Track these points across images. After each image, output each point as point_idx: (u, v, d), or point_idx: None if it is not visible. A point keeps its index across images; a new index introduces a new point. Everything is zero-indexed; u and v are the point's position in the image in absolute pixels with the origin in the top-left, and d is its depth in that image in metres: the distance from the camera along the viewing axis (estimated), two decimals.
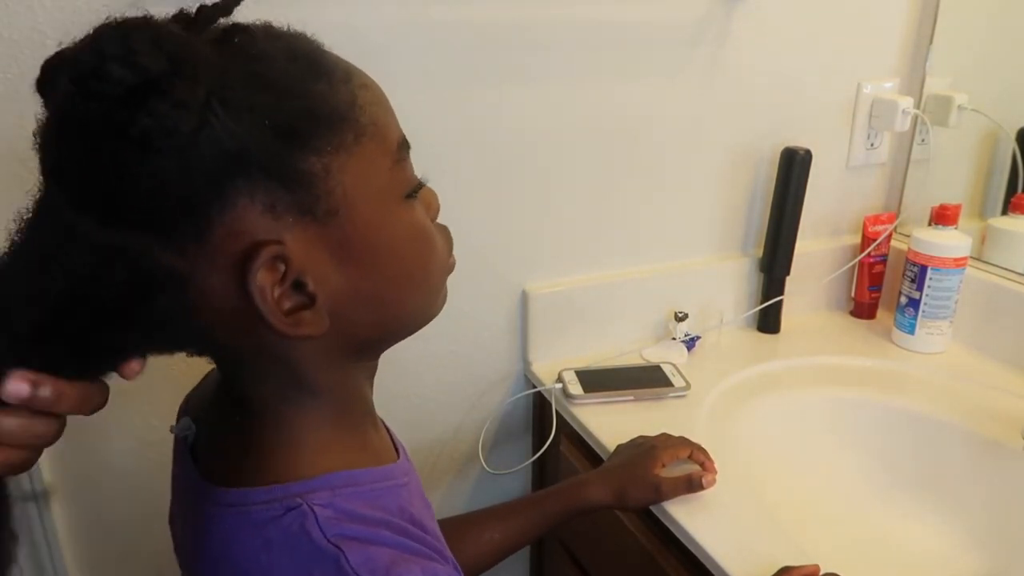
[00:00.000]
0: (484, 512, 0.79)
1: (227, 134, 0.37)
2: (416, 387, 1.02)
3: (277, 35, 0.41)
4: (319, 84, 0.40)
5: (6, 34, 0.73)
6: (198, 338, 0.43)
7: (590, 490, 0.79)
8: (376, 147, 0.43)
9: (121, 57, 0.35)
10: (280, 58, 0.40)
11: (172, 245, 0.38)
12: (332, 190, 0.41)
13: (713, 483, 0.78)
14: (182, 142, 0.36)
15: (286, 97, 0.39)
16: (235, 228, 0.38)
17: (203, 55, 0.37)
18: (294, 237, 0.40)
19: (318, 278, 0.41)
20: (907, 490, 0.93)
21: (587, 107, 0.99)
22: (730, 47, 1.04)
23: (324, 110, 0.40)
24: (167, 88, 0.35)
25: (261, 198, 0.38)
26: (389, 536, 0.43)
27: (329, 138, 0.40)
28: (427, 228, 0.48)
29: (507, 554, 0.77)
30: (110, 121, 0.36)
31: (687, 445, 0.82)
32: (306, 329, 0.41)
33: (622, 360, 1.06)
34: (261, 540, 0.42)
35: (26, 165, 0.77)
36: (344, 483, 0.44)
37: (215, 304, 0.40)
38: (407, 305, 0.48)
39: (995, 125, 1.11)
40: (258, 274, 0.39)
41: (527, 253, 1.03)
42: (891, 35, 1.15)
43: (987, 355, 1.07)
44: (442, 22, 0.88)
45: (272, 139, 0.38)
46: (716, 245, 1.15)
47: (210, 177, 0.37)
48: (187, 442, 0.50)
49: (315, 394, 0.46)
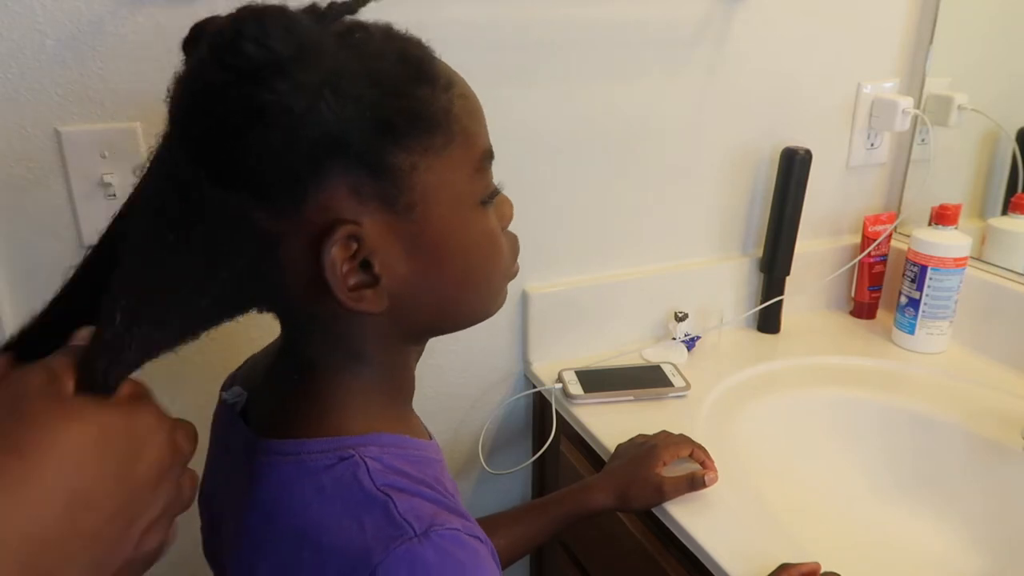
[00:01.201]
0: (487, 520, 0.79)
1: (333, 119, 0.40)
2: (417, 387, 1.02)
3: (393, 37, 0.46)
4: (422, 88, 0.44)
5: (6, 34, 0.73)
6: (277, 296, 0.47)
7: (593, 494, 0.79)
8: (462, 154, 0.46)
9: (255, 37, 0.39)
10: (392, 58, 0.43)
11: (269, 209, 0.42)
12: (414, 186, 0.44)
13: (715, 481, 0.78)
14: (293, 120, 0.40)
15: (390, 95, 0.42)
16: (324, 203, 0.42)
17: (326, 46, 0.41)
18: (372, 221, 0.43)
19: (385, 262, 0.45)
20: (907, 490, 0.93)
21: (587, 107, 0.99)
22: (730, 47, 1.04)
23: (422, 112, 0.44)
24: (289, 70, 0.39)
25: (351, 181, 0.42)
26: (430, 493, 0.46)
27: (421, 139, 0.44)
28: (495, 235, 0.51)
29: (512, 560, 0.78)
30: (236, 91, 0.39)
31: (688, 444, 0.82)
32: (365, 305, 0.44)
33: (622, 360, 1.06)
34: (315, 486, 0.45)
35: (26, 165, 0.78)
36: (391, 443, 0.48)
37: (299, 268, 0.43)
38: (463, 303, 0.51)
39: (995, 125, 1.11)
40: (332, 248, 0.42)
41: (527, 253, 1.01)
42: (891, 35, 1.15)
43: (987, 355, 1.07)
44: (442, 22, 0.88)
45: (371, 130, 0.42)
46: (716, 245, 1.15)
47: (312, 154, 0.41)
48: (236, 409, 0.54)
49: (369, 364, 0.49)
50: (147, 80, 0.78)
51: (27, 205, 0.78)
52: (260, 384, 0.54)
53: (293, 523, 0.44)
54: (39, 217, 0.79)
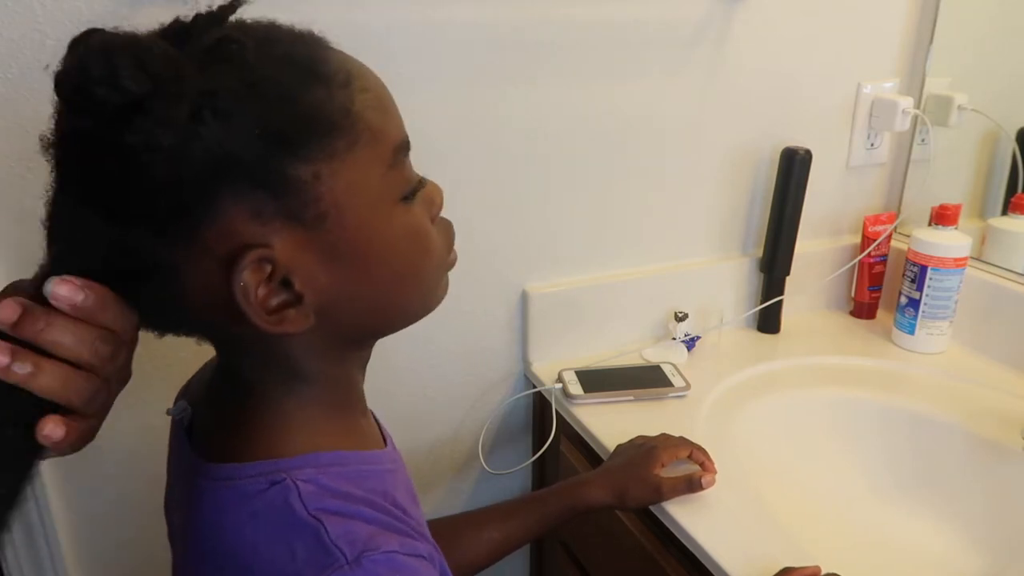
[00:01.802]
0: (484, 511, 0.79)
1: (215, 143, 0.38)
2: (416, 387, 1.02)
3: (276, 39, 0.42)
4: (314, 90, 0.41)
5: (6, 34, 0.73)
6: (192, 323, 0.46)
7: (590, 490, 0.79)
8: (370, 153, 0.43)
9: (105, 79, 0.37)
10: (273, 65, 0.40)
11: (165, 240, 0.40)
12: (321, 196, 0.42)
13: (713, 483, 0.78)
14: (168, 154, 0.37)
15: (277, 105, 0.40)
16: (224, 230, 0.40)
17: (188, 71, 0.38)
18: (282, 240, 0.41)
19: (305, 278, 0.43)
20: (907, 490, 0.93)
21: (587, 107, 0.99)
22: (730, 47, 1.04)
23: (316, 117, 0.41)
24: (150, 107, 0.37)
25: (248, 204, 0.40)
26: (370, 512, 0.45)
27: (320, 145, 0.41)
28: (422, 229, 0.48)
29: (506, 553, 0.77)
30: (99, 135, 0.38)
31: (687, 445, 0.82)
32: (288, 327, 0.43)
33: (622, 360, 1.06)
34: (247, 512, 0.44)
35: (26, 165, 0.78)
36: (329, 462, 0.46)
37: (206, 296, 0.42)
38: (398, 303, 0.49)
39: (995, 125, 1.11)
40: (243, 274, 0.40)
41: (527, 253, 1.03)
42: (891, 35, 1.15)
43: (987, 355, 1.07)
44: (442, 22, 0.88)
45: (261, 146, 0.39)
46: (716, 245, 1.15)
47: (198, 183, 0.38)
48: (183, 424, 0.53)
49: (306, 380, 0.48)
50: None
51: (27, 205, 0.78)
52: (202, 400, 0.53)
53: (227, 548, 0.44)
54: (39, 217, 0.78)
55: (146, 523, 0.93)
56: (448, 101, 0.91)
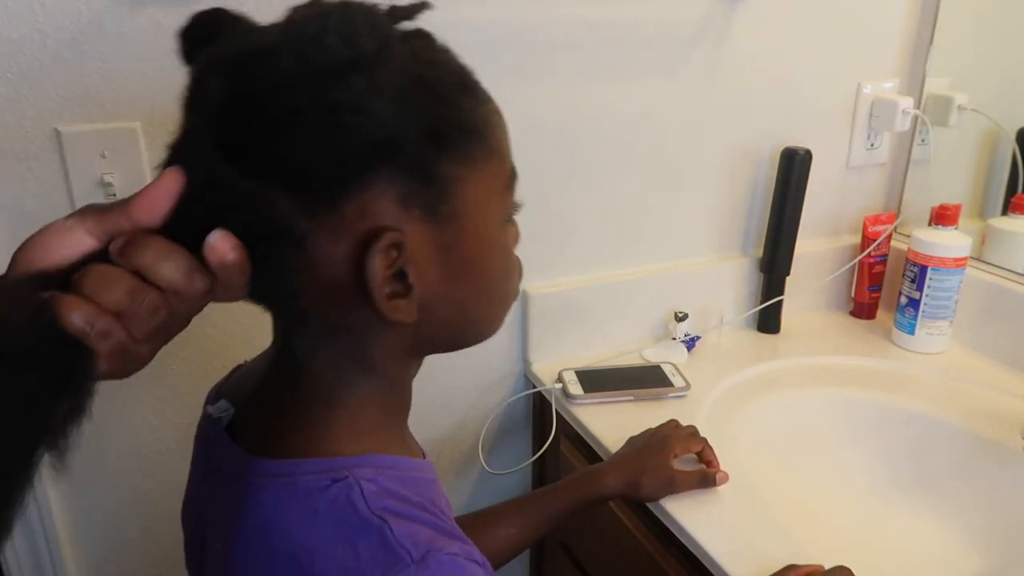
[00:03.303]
0: (498, 508, 0.79)
1: (391, 123, 0.40)
2: (416, 387, 1.02)
3: (439, 47, 0.45)
4: (468, 99, 0.44)
5: (6, 34, 0.73)
6: (292, 296, 0.44)
7: (604, 479, 0.79)
8: (497, 168, 0.47)
9: (343, 33, 0.38)
10: (445, 68, 0.44)
11: (301, 205, 0.40)
12: (457, 197, 0.44)
13: (726, 480, 0.79)
14: (358, 119, 0.39)
15: (444, 104, 0.42)
16: (366, 208, 0.41)
17: (399, 49, 0.41)
18: (413, 230, 0.42)
19: (420, 272, 0.44)
20: (906, 490, 0.93)
21: (587, 107, 0.99)
22: (730, 47, 1.04)
23: (468, 124, 0.44)
24: (368, 70, 0.39)
25: (398, 188, 0.41)
26: (427, 516, 0.45)
27: (467, 150, 0.44)
28: (512, 253, 0.51)
29: (524, 548, 0.77)
30: (310, 85, 0.38)
31: (699, 440, 0.83)
32: (400, 315, 0.43)
33: (622, 360, 1.06)
34: (308, 509, 0.43)
35: (26, 165, 0.78)
36: (387, 465, 0.46)
37: (321, 271, 0.42)
38: (479, 319, 0.51)
39: (995, 125, 1.11)
40: (377, 256, 0.41)
41: (527, 253, 1.01)
42: (891, 35, 1.15)
43: (987, 355, 1.07)
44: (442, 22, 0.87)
45: (425, 139, 0.41)
46: (716, 245, 1.15)
47: (362, 156, 0.40)
48: (221, 424, 0.52)
49: (373, 379, 0.48)
50: (147, 80, 0.78)
51: (27, 205, 0.78)
52: (249, 397, 0.52)
53: (284, 547, 0.43)
54: (39, 217, 0.77)
55: (147, 523, 0.93)
56: None
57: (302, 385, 0.47)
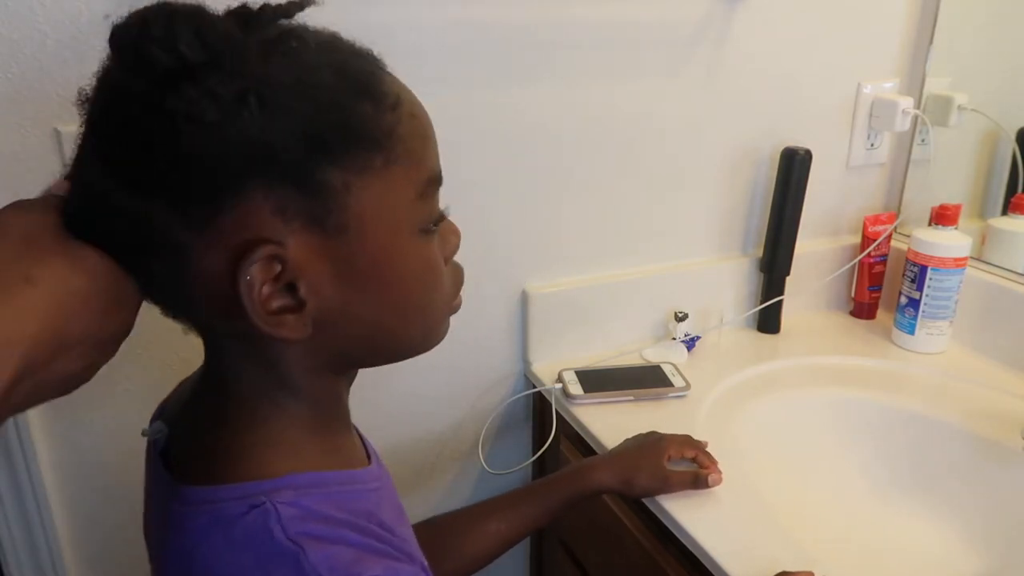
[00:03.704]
0: (490, 502, 0.78)
1: (257, 131, 0.38)
2: (416, 386, 1.02)
3: (336, 48, 0.43)
4: (363, 105, 0.42)
5: (6, 34, 0.73)
6: (190, 309, 0.45)
7: (597, 474, 0.79)
8: (404, 177, 0.44)
9: (162, 40, 0.37)
10: (329, 71, 0.41)
11: (180, 218, 0.39)
12: (347, 206, 0.41)
13: (719, 482, 0.79)
14: (207, 129, 0.38)
15: (324, 109, 0.40)
16: (243, 220, 0.39)
17: (247, 54, 0.39)
18: (298, 242, 0.41)
19: (312, 286, 0.42)
20: (906, 490, 0.93)
21: (587, 107, 0.99)
22: (730, 47, 1.04)
23: (359, 130, 0.41)
24: (200, 77, 0.37)
25: (275, 199, 0.40)
26: (353, 536, 0.43)
27: (357, 157, 0.41)
28: (435, 265, 0.48)
29: (515, 542, 0.77)
30: (143, 96, 0.38)
31: (693, 446, 0.82)
32: (285, 331, 0.42)
33: (622, 360, 1.06)
34: (227, 537, 0.42)
35: (26, 165, 0.78)
36: (311, 484, 0.45)
37: (209, 284, 0.41)
38: (396, 334, 0.48)
39: (995, 125, 1.11)
40: (251, 268, 0.40)
41: (527, 253, 1.03)
42: (891, 35, 1.15)
43: (987, 355, 1.07)
44: (443, 22, 0.88)
45: (301, 145, 0.39)
46: (716, 245, 1.15)
47: (230, 167, 0.38)
48: (157, 446, 0.51)
49: (293, 394, 0.47)
50: None
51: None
52: (180, 417, 0.51)
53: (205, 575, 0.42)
54: None
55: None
56: (449, 100, 0.91)
57: (224, 405, 0.46)
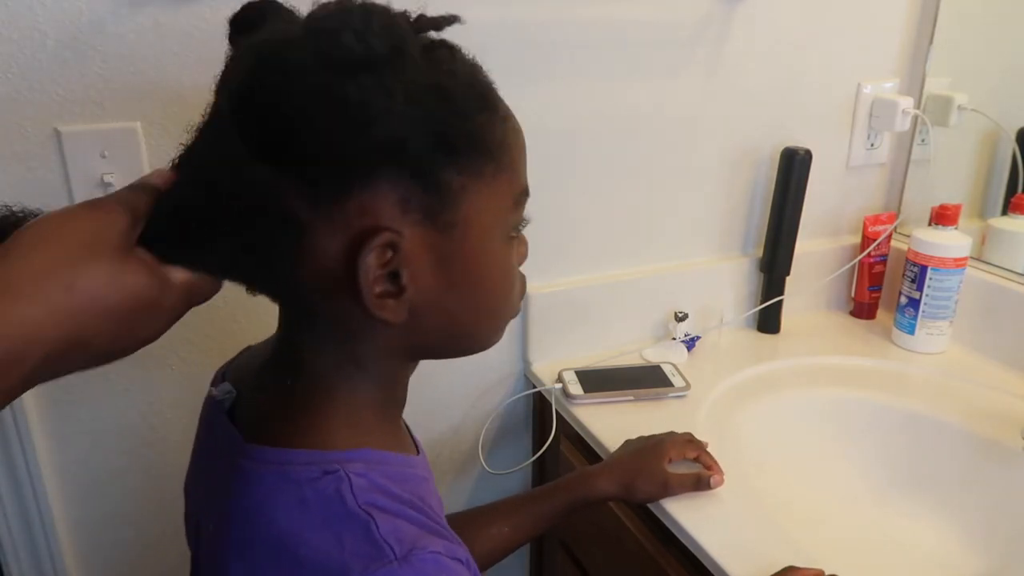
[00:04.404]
0: (491, 507, 0.79)
1: (400, 125, 0.41)
2: (416, 387, 1.01)
3: (468, 61, 0.47)
4: (484, 114, 0.45)
5: (6, 34, 0.73)
6: (291, 286, 0.46)
7: (598, 481, 0.79)
8: (506, 185, 0.47)
9: (358, 30, 0.40)
10: (464, 81, 0.45)
11: (307, 195, 0.42)
12: (459, 206, 0.45)
13: (721, 483, 0.79)
14: (367, 116, 0.40)
15: (457, 116, 0.43)
16: (367, 205, 0.42)
17: (414, 54, 0.42)
18: (411, 233, 0.44)
19: (413, 276, 0.45)
20: (906, 490, 0.93)
21: (587, 107, 0.99)
22: (730, 47, 1.04)
23: (481, 138, 0.45)
24: (379, 69, 0.40)
25: (401, 190, 0.43)
26: (413, 514, 0.46)
27: (475, 163, 0.45)
28: (513, 271, 0.52)
29: (516, 548, 0.78)
30: (322, 77, 0.40)
31: (695, 447, 0.82)
32: (386, 314, 0.44)
33: (622, 360, 1.06)
34: (297, 498, 0.44)
35: (27, 165, 0.78)
36: (378, 460, 0.47)
37: (319, 262, 0.43)
38: (471, 330, 0.52)
39: (995, 125, 1.11)
40: (370, 254, 0.42)
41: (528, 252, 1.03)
42: (891, 35, 1.15)
43: (987, 355, 1.07)
44: None
45: (432, 145, 0.42)
46: (716, 245, 1.15)
47: (369, 155, 0.41)
48: (224, 406, 0.53)
49: (368, 376, 0.49)
50: (147, 80, 0.78)
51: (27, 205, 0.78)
52: (251, 382, 0.53)
53: (273, 532, 0.44)
54: None
55: (146, 522, 0.93)
56: None
57: (300, 376, 0.49)
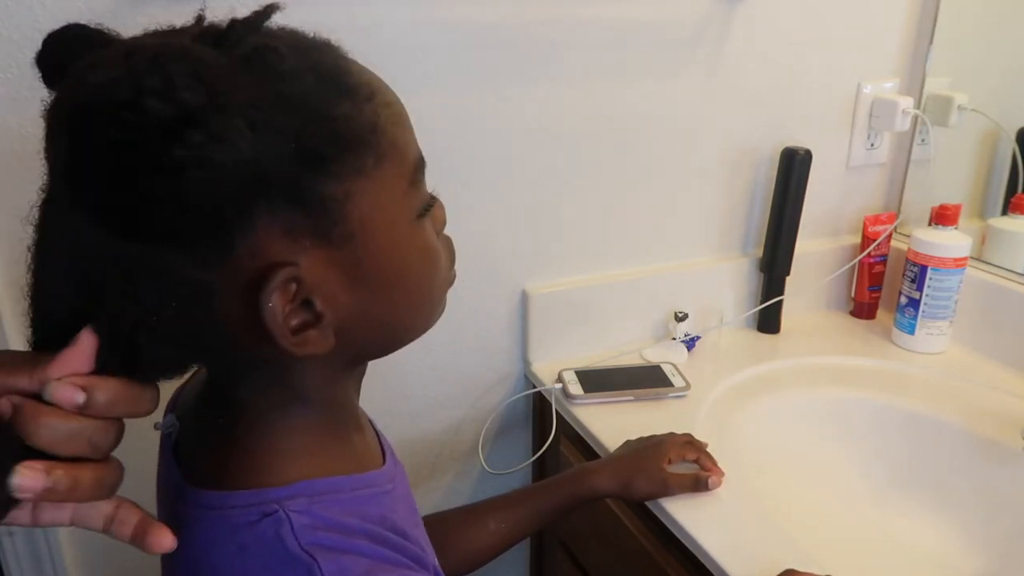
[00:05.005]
0: (489, 502, 0.79)
1: (253, 158, 0.36)
2: (416, 387, 1.02)
3: (304, 47, 0.41)
4: (344, 105, 0.40)
5: (6, 34, 0.73)
6: (212, 350, 0.43)
7: (596, 478, 0.79)
8: (394, 170, 0.43)
9: (159, 91, 0.35)
10: (307, 77, 0.39)
11: (194, 260, 0.38)
12: (349, 215, 0.41)
13: (720, 484, 0.79)
14: (212, 169, 0.36)
15: (312, 120, 0.39)
16: (256, 248, 0.38)
17: (237, 82, 0.37)
18: (309, 259, 0.40)
19: (327, 298, 0.41)
20: (906, 490, 0.93)
21: (588, 107, 0.99)
22: (730, 47, 1.04)
23: (347, 134, 0.40)
24: (202, 119, 0.35)
25: (281, 221, 0.39)
26: (367, 545, 0.43)
27: (351, 163, 0.40)
28: (434, 247, 0.48)
29: (513, 543, 0.77)
30: (142, 149, 0.35)
31: (694, 448, 0.82)
32: (311, 348, 0.41)
33: (622, 360, 1.06)
34: (236, 545, 0.41)
35: (27, 165, 0.77)
36: (324, 490, 0.44)
37: (232, 316, 0.40)
38: (405, 322, 0.48)
39: (995, 125, 1.11)
40: (273, 295, 0.39)
41: (527, 253, 1.03)
42: (891, 35, 1.15)
43: (987, 355, 1.07)
44: (442, 23, 0.88)
45: (296, 164, 0.38)
46: (716, 245, 1.15)
47: (235, 199, 0.37)
48: (171, 439, 0.50)
49: (306, 403, 0.46)
50: None
51: (27, 205, 0.78)
52: (191, 415, 0.50)
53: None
54: None
55: None
56: (448, 101, 0.91)
57: (234, 413, 0.46)
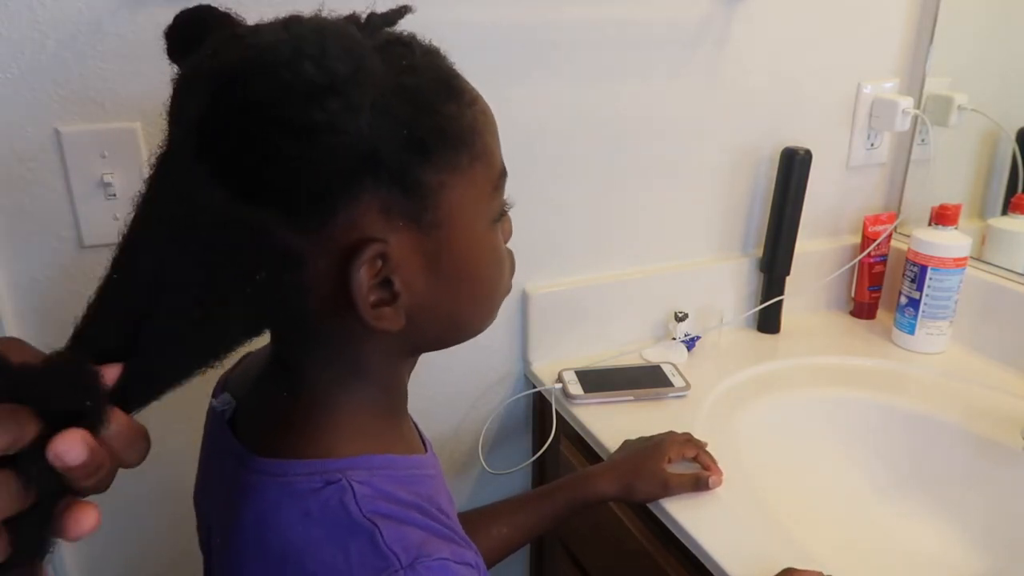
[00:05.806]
0: (492, 507, 0.79)
1: (370, 136, 0.40)
2: (416, 386, 1.01)
3: (424, 50, 0.45)
4: (451, 105, 0.44)
5: (6, 34, 0.73)
6: (301, 318, 0.45)
7: (598, 482, 0.79)
8: (483, 172, 0.46)
9: (315, 57, 0.37)
10: (425, 74, 0.43)
11: (294, 226, 0.40)
12: (440, 204, 0.44)
13: (720, 483, 0.79)
14: (338, 139, 0.39)
15: (424, 112, 0.42)
16: (352, 221, 0.41)
17: (375, 64, 0.40)
18: (397, 239, 0.43)
19: (405, 281, 0.44)
20: (906, 490, 0.93)
21: (588, 107, 0.99)
22: (730, 47, 1.04)
23: (451, 131, 0.43)
24: (344, 91, 0.38)
25: (381, 199, 0.42)
26: (420, 518, 0.45)
27: (449, 157, 0.43)
28: (503, 253, 0.51)
29: (515, 548, 0.78)
30: (284, 108, 0.38)
31: (694, 446, 0.82)
32: (386, 324, 0.44)
33: (622, 360, 1.06)
34: (301, 510, 0.44)
35: (27, 165, 0.78)
36: (381, 465, 0.47)
37: (322, 285, 0.42)
38: (469, 319, 0.51)
39: (995, 125, 1.11)
40: (362, 267, 0.41)
41: (527, 253, 1.02)
42: (891, 35, 1.15)
43: (987, 355, 1.07)
44: (444, 23, 0.87)
45: (405, 149, 0.41)
46: (716, 245, 1.15)
47: (346, 172, 0.40)
48: (225, 416, 0.52)
49: (368, 382, 0.49)
50: (147, 80, 0.78)
51: (27, 205, 0.78)
52: (250, 392, 0.53)
53: (278, 544, 0.44)
54: (39, 217, 0.79)
55: (146, 523, 0.93)
56: None
57: (299, 387, 0.48)
